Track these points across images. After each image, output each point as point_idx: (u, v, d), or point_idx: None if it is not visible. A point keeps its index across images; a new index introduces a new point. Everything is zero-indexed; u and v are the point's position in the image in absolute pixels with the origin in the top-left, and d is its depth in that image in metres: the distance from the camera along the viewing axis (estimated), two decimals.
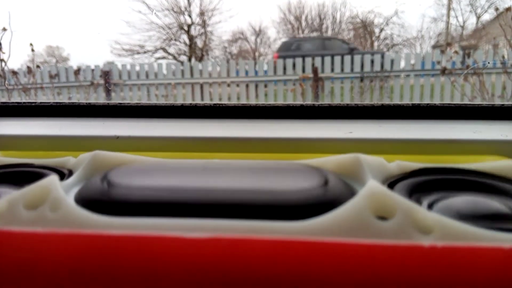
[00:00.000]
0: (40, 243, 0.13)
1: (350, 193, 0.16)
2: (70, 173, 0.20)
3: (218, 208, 0.15)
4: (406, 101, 2.32)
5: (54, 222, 0.14)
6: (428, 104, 0.30)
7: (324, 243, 0.12)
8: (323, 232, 0.13)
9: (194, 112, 0.30)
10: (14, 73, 2.14)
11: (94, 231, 0.13)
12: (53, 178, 0.16)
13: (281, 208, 0.15)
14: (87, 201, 0.16)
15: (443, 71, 1.96)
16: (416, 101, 2.30)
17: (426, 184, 0.18)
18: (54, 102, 0.32)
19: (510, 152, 0.23)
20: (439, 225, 0.13)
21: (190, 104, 0.30)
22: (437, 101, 2.23)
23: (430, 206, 0.16)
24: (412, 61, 2.39)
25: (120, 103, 0.31)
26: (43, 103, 0.32)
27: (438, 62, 2.19)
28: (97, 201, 0.16)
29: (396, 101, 2.31)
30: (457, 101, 1.98)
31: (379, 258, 0.12)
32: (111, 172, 0.18)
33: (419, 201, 0.16)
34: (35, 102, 0.32)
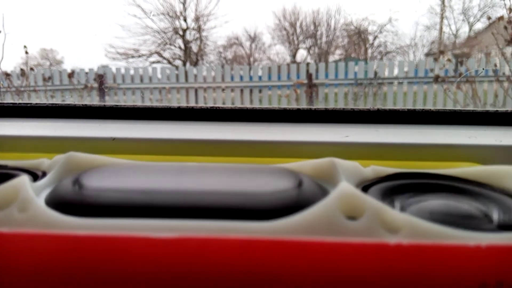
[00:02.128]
0: (5, 243, 0.13)
1: (324, 195, 0.16)
2: (44, 174, 0.20)
3: (188, 210, 0.15)
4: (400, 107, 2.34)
5: (22, 222, 0.14)
6: (407, 109, 0.31)
7: (292, 242, 0.12)
8: (292, 232, 0.13)
9: (191, 115, 0.31)
10: (7, 75, 2.13)
11: (61, 232, 0.13)
12: (23, 178, 0.16)
13: (252, 209, 0.15)
14: (57, 202, 0.16)
15: (436, 79, 1.98)
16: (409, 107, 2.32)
17: (399, 187, 0.18)
18: (50, 104, 0.31)
19: (481, 156, 0.24)
20: (407, 224, 0.13)
21: (187, 106, 0.31)
22: (429, 107, 2.25)
23: (403, 208, 0.16)
24: (406, 69, 2.41)
25: (116, 105, 0.31)
26: (38, 104, 0.32)
27: (431, 70, 2.21)
28: (67, 203, 0.16)
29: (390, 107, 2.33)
30: (449, 108, 1.99)
31: (346, 256, 0.12)
32: (83, 174, 0.18)
33: (391, 203, 0.17)
34: (30, 103, 0.32)
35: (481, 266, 0.12)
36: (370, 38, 3.07)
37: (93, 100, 2.36)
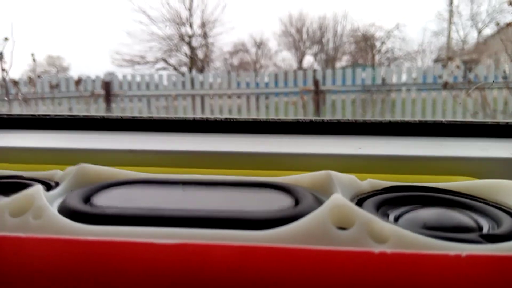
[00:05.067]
0: (21, 246, 0.15)
1: (318, 206, 0.17)
2: (57, 184, 0.22)
3: (190, 220, 0.16)
4: (408, 115, 2.31)
5: (37, 228, 0.16)
6: (419, 121, 0.30)
7: (284, 249, 0.13)
8: (286, 240, 0.14)
9: (203, 127, 0.31)
10: (15, 83, 2.14)
11: (71, 237, 0.15)
12: (38, 188, 0.18)
13: (250, 220, 0.16)
14: (68, 211, 0.17)
15: (445, 86, 1.95)
16: (418, 115, 2.29)
17: (394, 199, 0.19)
18: (68, 115, 0.33)
19: (490, 168, 0.24)
20: (394, 235, 0.14)
21: (201, 118, 0.31)
22: (439, 115, 2.22)
23: (397, 219, 0.17)
24: (414, 75, 2.39)
25: (134, 117, 0.32)
26: (58, 116, 0.33)
27: (440, 77, 2.18)
28: (77, 212, 0.17)
29: (398, 115, 2.30)
30: (458, 115, 1.97)
31: (333, 263, 0.13)
32: (92, 187, 0.20)
33: (385, 215, 0.18)
34: (49, 115, 0.33)
35: (460, 275, 0.13)
36: (378, 44, 3.05)
37: (99, 107, 2.36)
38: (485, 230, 0.17)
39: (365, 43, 3.11)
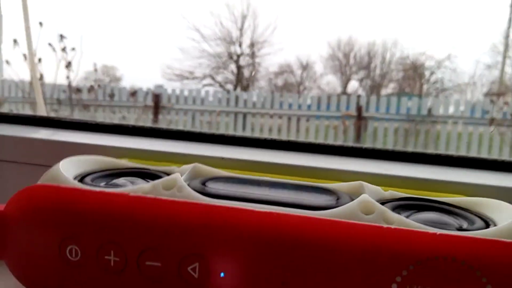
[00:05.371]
0: (171, 207, 0.23)
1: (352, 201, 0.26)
2: None
3: (271, 203, 0.25)
4: (452, 148, 2.24)
5: (180, 197, 0.25)
6: (439, 153, 0.40)
7: (331, 221, 0.23)
8: (332, 217, 0.23)
9: (275, 144, 0.43)
10: (79, 90, 2.30)
11: (203, 203, 0.24)
12: (178, 175, 0.27)
13: (309, 205, 0.25)
14: (196, 190, 0.26)
15: (491, 122, 1.88)
16: (463, 149, 2.21)
17: (406, 205, 0.27)
18: (181, 129, 0.45)
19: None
20: (398, 220, 0.23)
21: (283, 139, 0.43)
22: (484, 151, 2.14)
23: (405, 217, 0.25)
24: (462, 108, 2.32)
25: (222, 134, 0.44)
26: (169, 129, 0.45)
27: (487, 112, 2.11)
28: (200, 191, 0.26)
29: (442, 147, 2.24)
30: (505, 152, 1.89)
31: (358, 231, 0.22)
32: (206, 178, 0.30)
33: (398, 213, 0.25)
34: (162, 128, 0.45)
35: (434, 247, 0.20)
36: (427, 73, 2.99)
37: (147, 118, 2.48)
38: (463, 227, 0.25)
39: (414, 72, 3.06)
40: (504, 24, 2.22)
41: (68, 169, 0.29)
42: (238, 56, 3.05)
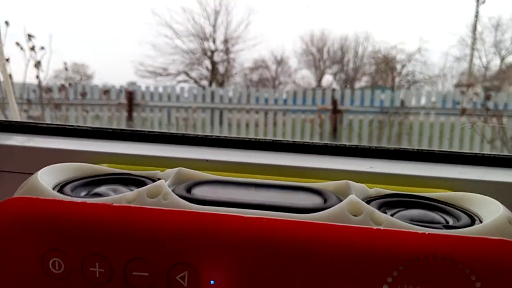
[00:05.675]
0: (156, 216, 0.23)
1: (340, 202, 0.26)
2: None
3: (258, 207, 0.25)
4: (425, 138, 2.30)
5: (166, 205, 0.25)
6: (417, 149, 0.40)
7: (319, 224, 0.22)
8: (320, 220, 0.23)
9: (260, 145, 0.42)
10: (49, 89, 2.22)
11: (190, 210, 0.24)
12: (163, 181, 0.27)
13: (297, 208, 0.25)
14: (181, 196, 0.26)
15: (463, 112, 1.94)
16: (435, 139, 2.27)
17: (392, 202, 0.28)
18: (169, 132, 0.44)
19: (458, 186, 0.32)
20: (386, 220, 0.24)
21: (267, 139, 0.43)
22: (455, 140, 2.20)
23: (392, 215, 0.25)
24: (433, 99, 2.38)
25: (206, 135, 0.43)
26: (150, 132, 0.44)
27: (458, 103, 2.17)
28: (187, 197, 0.26)
29: (415, 137, 2.29)
30: (476, 141, 1.96)
31: (347, 233, 0.22)
32: (191, 182, 0.29)
33: (384, 212, 0.25)
34: (148, 131, 0.44)
35: (423, 246, 0.21)
36: (398, 66, 3.05)
37: (121, 116, 2.43)
38: (449, 224, 0.25)
39: (386, 65, 3.12)
40: (471, 18, 2.28)
41: (46, 179, 0.28)
42: (212, 52, 3.02)
